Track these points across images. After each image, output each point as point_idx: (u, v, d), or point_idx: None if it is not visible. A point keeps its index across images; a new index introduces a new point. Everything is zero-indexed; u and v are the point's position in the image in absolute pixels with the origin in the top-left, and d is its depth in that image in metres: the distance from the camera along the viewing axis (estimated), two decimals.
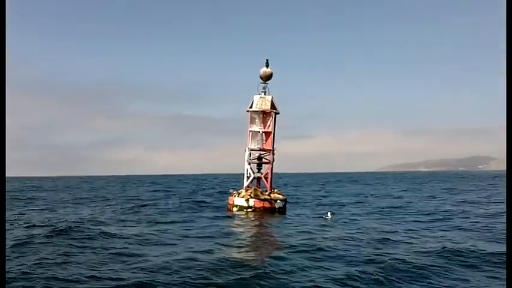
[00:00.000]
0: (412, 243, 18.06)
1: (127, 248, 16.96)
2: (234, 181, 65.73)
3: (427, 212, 30.54)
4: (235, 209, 30.17)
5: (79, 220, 24.87)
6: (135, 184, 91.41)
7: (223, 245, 17.62)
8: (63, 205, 38.24)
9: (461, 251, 15.86)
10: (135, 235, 19.95)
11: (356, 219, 26.60)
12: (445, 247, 16.49)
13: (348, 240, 18.69)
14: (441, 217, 27.53)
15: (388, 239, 18.88)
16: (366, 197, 47.40)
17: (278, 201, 29.85)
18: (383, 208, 33.98)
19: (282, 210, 29.89)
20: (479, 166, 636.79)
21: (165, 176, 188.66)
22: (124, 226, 23.46)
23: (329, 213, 28.09)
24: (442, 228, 22.51)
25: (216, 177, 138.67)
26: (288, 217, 27.99)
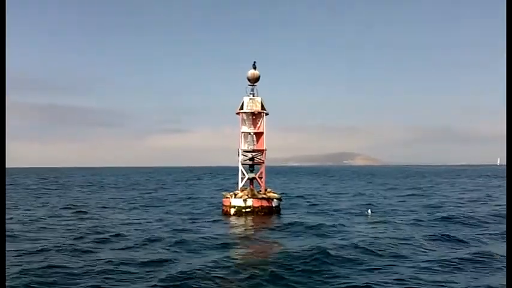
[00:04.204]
0: None
1: None
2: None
3: None
4: (232, 210, 30.11)
5: None
6: None
7: None
8: None
9: None
10: None
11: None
12: None
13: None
14: None
15: None
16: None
17: (275, 200, 30.64)
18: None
19: (278, 209, 30.78)
20: (345, 161, 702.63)
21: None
22: None
23: (369, 210, 30.78)
24: None
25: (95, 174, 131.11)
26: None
